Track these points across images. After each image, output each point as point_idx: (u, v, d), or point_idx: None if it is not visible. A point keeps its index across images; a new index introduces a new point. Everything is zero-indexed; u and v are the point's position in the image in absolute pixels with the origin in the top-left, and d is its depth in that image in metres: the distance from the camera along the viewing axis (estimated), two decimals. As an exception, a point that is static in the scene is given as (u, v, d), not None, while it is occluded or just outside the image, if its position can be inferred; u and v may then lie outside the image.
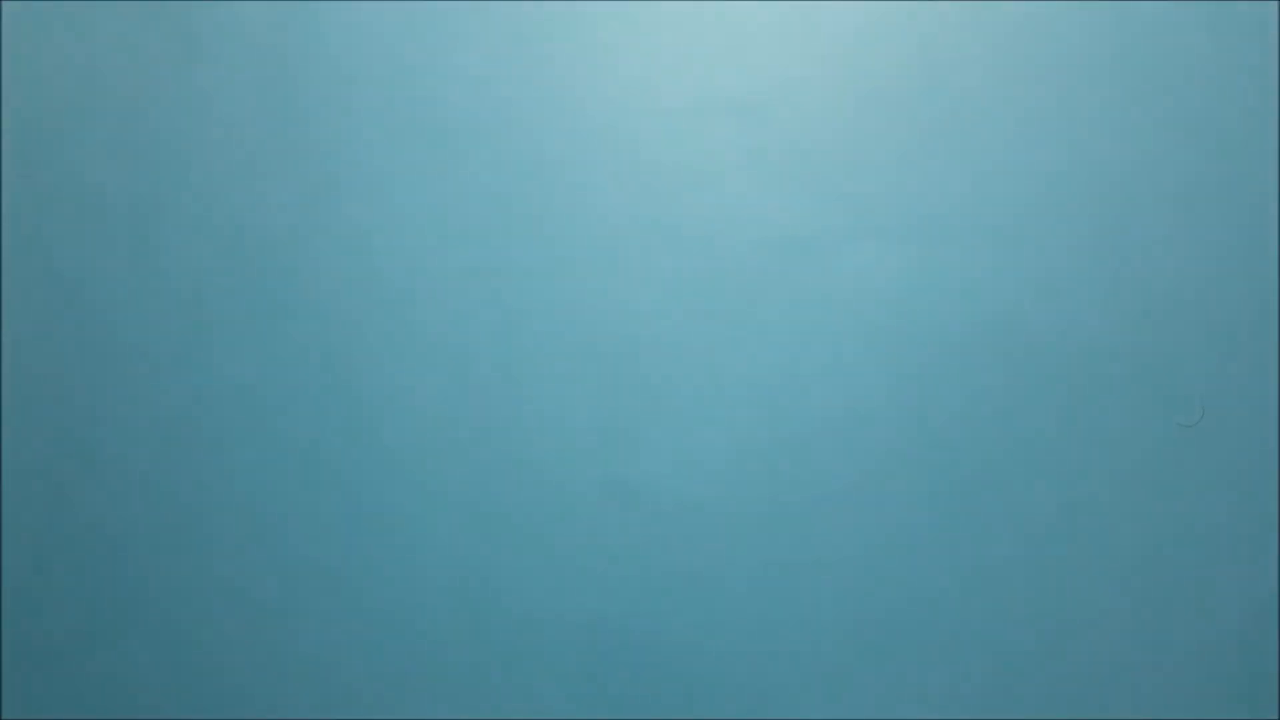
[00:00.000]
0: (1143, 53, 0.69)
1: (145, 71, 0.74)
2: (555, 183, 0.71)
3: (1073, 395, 0.69)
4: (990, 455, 0.69)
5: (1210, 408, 0.68)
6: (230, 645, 0.72)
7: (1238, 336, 0.68)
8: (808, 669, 0.70)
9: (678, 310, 0.71)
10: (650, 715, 0.70)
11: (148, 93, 0.74)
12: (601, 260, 0.71)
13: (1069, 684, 0.69)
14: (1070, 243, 0.69)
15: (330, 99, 0.72)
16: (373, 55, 0.72)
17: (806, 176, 0.70)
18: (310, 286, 0.72)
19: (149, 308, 0.73)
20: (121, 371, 0.73)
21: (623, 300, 0.70)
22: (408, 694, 0.71)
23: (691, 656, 0.70)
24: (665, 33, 0.71)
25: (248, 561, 0.72)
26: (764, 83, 0.70)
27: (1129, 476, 0.69)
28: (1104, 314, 0.69)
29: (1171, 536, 0.68)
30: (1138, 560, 0.69)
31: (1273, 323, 0.68)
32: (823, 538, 0.70)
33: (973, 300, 0.69)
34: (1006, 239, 0.69)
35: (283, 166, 0.72)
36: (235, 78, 0.73)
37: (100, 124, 0.74)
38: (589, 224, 0.71)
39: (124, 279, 0.73)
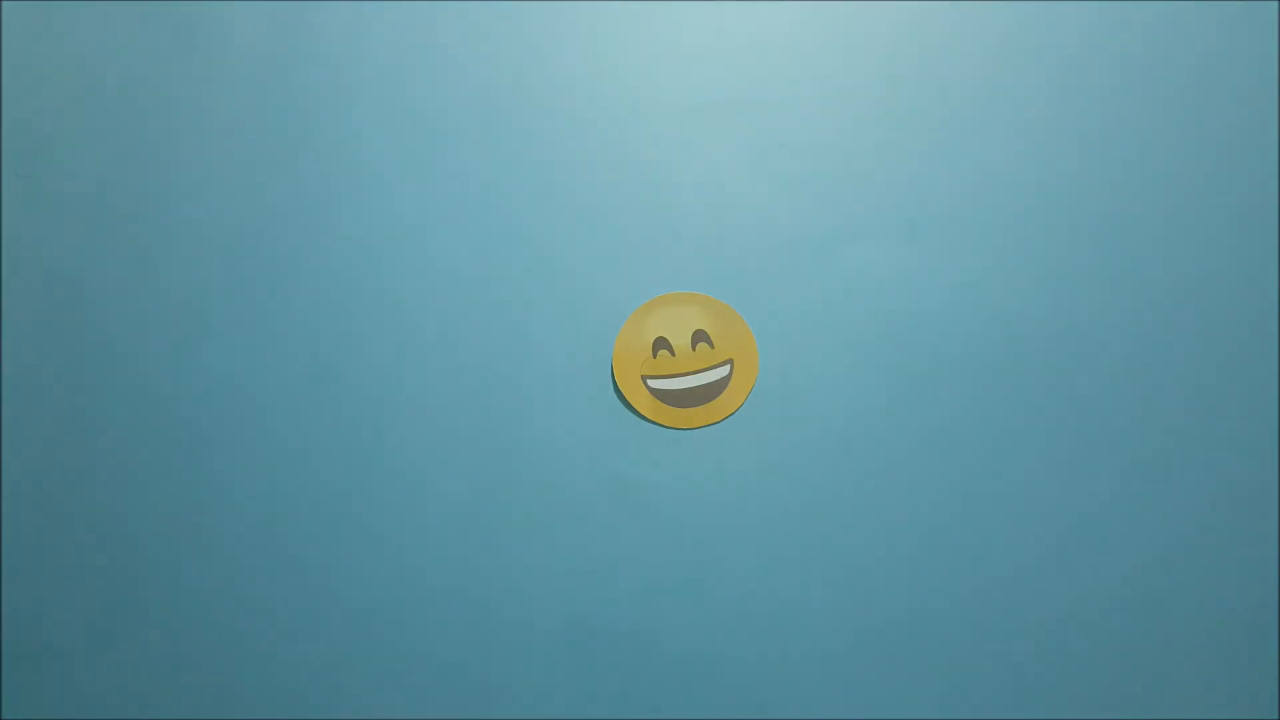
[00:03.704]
0: (1143, 53, 0.69)
1: (145, 72, 0.74)
2: (555, 183, 0.71)
3: (1073, 395, 0.69)
4: (989, 453, 0.69)
5: (1210, 408, 0.68)
6: (230, 645, 0.72)
7: (1238, 336, 0.68)
8: (807, 670, 0.70)
9: (678, 310, 0.71)
10: (650, 715, 0.70)
11: (147, 93, 0.74)
12: (601, 259, 0.71)
13: (1069, 684, 0.69)
14: (1070, 242, 0.69)
15: (330, 99, 0.72)
16: (373, 55, 0.72)
17: (807, 176, 0.70)
18: (310, 286, 0.72)
19: (148, 307, 0.73)
20: (121, 371, 0.73)
21: (623, 299, 0.70)
22: (406, 693, 0.71)
23: (692, 656, 0.70)
24: (665, 33, 0.71)
25: (247, 561, 0.72)
26: (764, 83, 0.70)
27: (1129, 475, 0.69)
28: (1104, 313, 0.69)
29: (1171, 536, 0.68)
30: (1138, 560, 0.69)
31: (1273, 323, 0.68)
32: (823, 535, 0.70)
33: (973, 299, 0.69)
34: (1006, 239, 0.69)
35: (283, 166, 0.73)
36: (235, 78, 0.73)
37: (100, 124, 0.74)
38: (589, 223, 0.71)
39: (123, 278, 0.73)
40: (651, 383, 0.70)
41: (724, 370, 0.70)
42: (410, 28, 0.72)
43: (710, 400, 0.70)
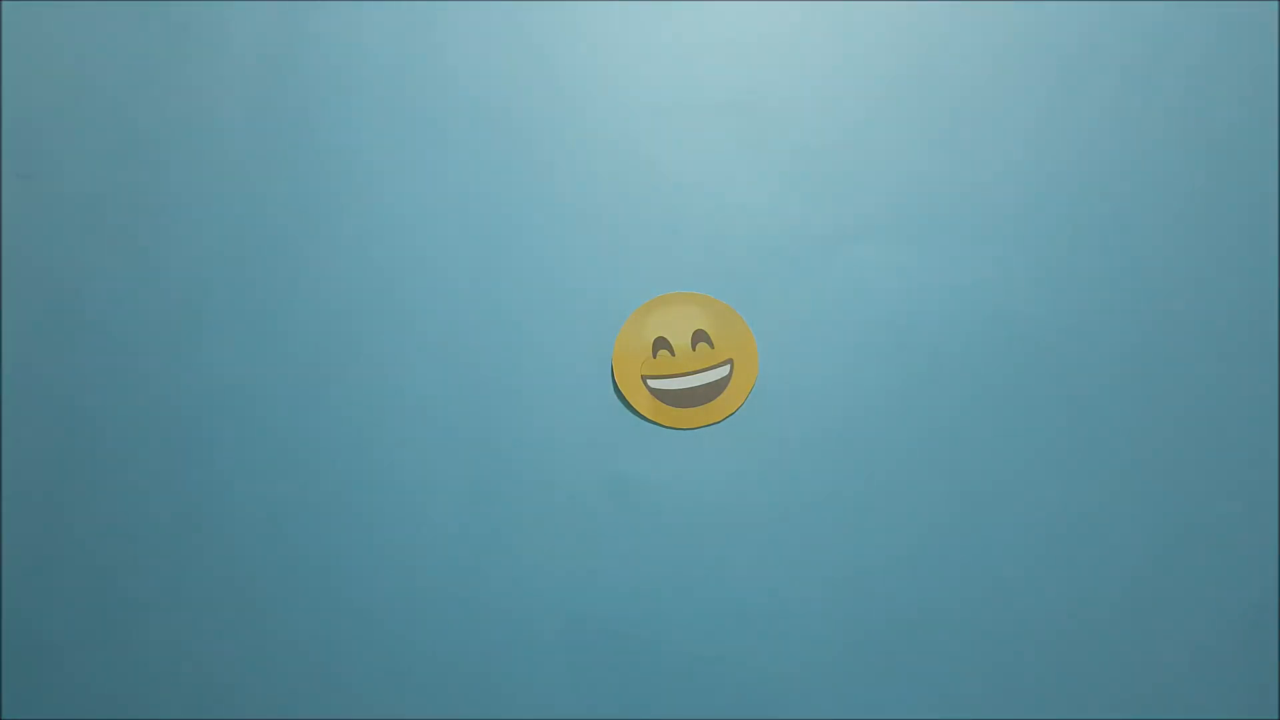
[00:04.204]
0: (1143, 53, 0.69)
1: (145, 72, 0.74)
2: (555, 182, 0.71)
3: (1073, 394, 0.69)
4: (989, 453, 0.69)
5: (1211, 407, 0.68)
6: (229, 645, 0.72)
7: (1238, 336, 0.68)
8: (807, 670, 0.70)
9: (678, 310, 0.71)
10: (650, 715, 0.70)
11: (147, 93, 0.74)
12: (601, 259, 0.71)
13: (1069, 684, 0.69)
14: (1071, 242, 0.69)
15: (330, 99, 0.72)
16: (373, 55, 0.72)
17: (807, 176, 0.70)
18: (310, 286, 0.72)
19: (148, 308, 0.73)
20: (121, 371, 0.73)
21: (623, 299, 0.70)
22: (407, 693, 0.71)
23: (692, 656, 0.70)
24: (665, 33, 0.71)
25: (247, 561, 0.72)
26: (764, 83, 0.70)
27: (1129, 475, 0.69)
28: (1104, 313, 0.69)
29: (1172, 536, 0.68)
30: (1138, 560, 0.69)
31: (1273, 323, 0.68)
32: (823, 535, 0.70)
33: (973, 300, 0.69)
34: (1007, 239, 0.69)
35: (283, 167, 0.72)
36: (235, 78, 0.73)
37: (100, 124, 0.74)
38: (589, 223, 0.71)
39: (123, 279, 0.73)
40: (651, 383, 0.70)
41: (724, 370, 0.70)
42: (410, 28, 0.72)
43: (710, 400, 0.70)
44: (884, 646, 0.69)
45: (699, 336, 0.70)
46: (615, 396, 0.70)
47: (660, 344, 0.70)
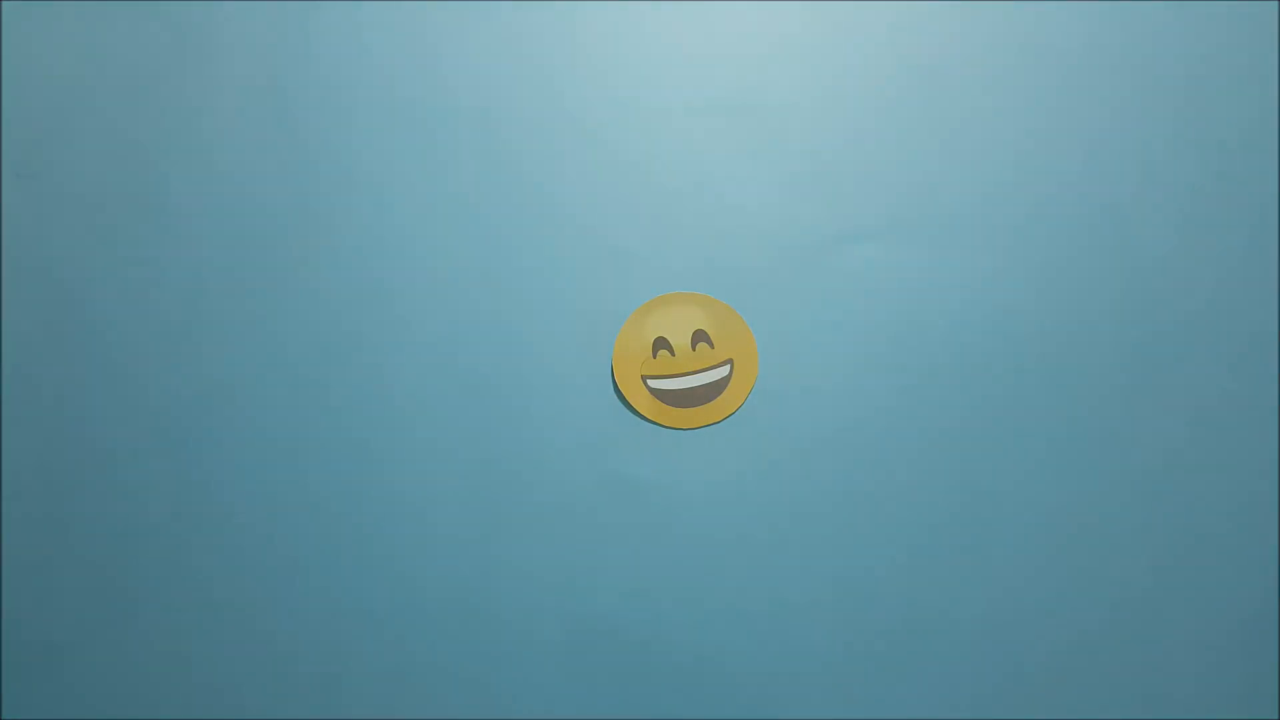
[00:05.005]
0: (1143, 53, 0.69)
1: (145, 72, 0.74)
2: (555, 183, 0.71)
3: (1074, 395, 0.69)
4: (991, 454, 0.69)
5: (1210, 408, 0.68)
6: (229, 645, 0.72)
7: (1238, 336, 0.68)
8: (807, 670, 0.70)
9: (678, 310, 0.71)
10: (650, 715, 0.70)
11: (148, 93, 0.74)
12: (601, 260, 0.71)
13: (1070, 684, 0.69)
14: (1073, 244, 0.69)
15: (330, 101, 0.72)
16: (372, 57, 0.72)
17: (807, 177, 0.70)
18: (310, 286, 0.72)
19: (148, 308, 0.73)
20: (121, 372, 0.73)
21: (623, 300, 0.70)
22: (407, 694, 0.71)
23: (692, 657, 0.70)
24: (665, 33, 0.71)
25: (248, 562, 0.72)
26: (764, 83, 0.70)
27: (1130, 477, 0.69)
28: (1106, 314, 0.69)
29: (1172, 536, 0.68)
30: (1139, 561, 0.69)
31: (1273, 323, 0.68)
32: (823, 535, 0.70)
33: (974, 300, 0.69)
34: (1008, 239, 0.69)
35: (282, 168, 0.72)
36: (236, 78, 0.73)
37: (100, 124, 0.74)
38: (589, 224, 0.71)
39: (123, 278, 0.73)
40: (651, 383, 0.70)
41: (724, 370, 0.70)
42: (409, 30, 0.72)
43: (710, 400, 0.70)
44: (885, 647, 0.69)
45: (699, 337, 0.70)
46: (615, 396, 0.70)
47: (660, 344, 0.70)
